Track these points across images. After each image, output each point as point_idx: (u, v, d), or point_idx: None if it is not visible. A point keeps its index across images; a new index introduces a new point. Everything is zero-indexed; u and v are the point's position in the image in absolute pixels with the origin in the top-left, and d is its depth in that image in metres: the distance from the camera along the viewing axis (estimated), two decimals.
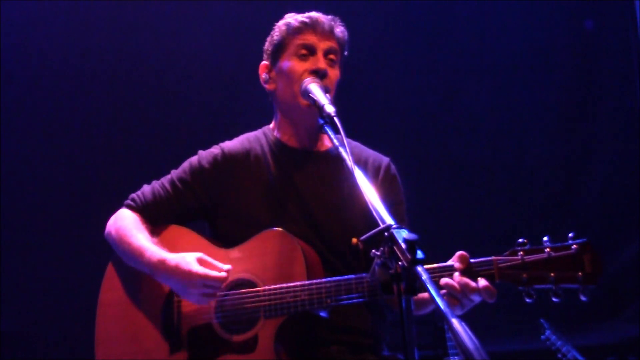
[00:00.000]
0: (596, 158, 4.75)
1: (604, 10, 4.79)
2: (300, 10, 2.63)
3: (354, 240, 2.34)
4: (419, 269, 1.59)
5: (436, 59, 4.82)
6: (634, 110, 4.66)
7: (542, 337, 4.05)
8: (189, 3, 4.60)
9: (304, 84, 2.40)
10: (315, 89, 2.35)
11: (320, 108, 2.26)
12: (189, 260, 2.33)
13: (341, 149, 2.11)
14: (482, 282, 2.10)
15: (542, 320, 4.07)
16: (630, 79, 4.68)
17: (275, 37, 2.58)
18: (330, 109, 2.22)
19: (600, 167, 4.72)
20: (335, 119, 2.17)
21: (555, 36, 4.85)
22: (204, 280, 2.29)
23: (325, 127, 2.22)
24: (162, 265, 2.36)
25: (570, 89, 4.82)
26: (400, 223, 1.74)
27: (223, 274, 2.31)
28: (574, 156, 4.78)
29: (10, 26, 4.41)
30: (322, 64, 2.48)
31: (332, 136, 2.18)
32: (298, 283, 2.29)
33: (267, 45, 2.62)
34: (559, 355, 3.98)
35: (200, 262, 2.33)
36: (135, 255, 2.44)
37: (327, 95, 2.33)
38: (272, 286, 2.32)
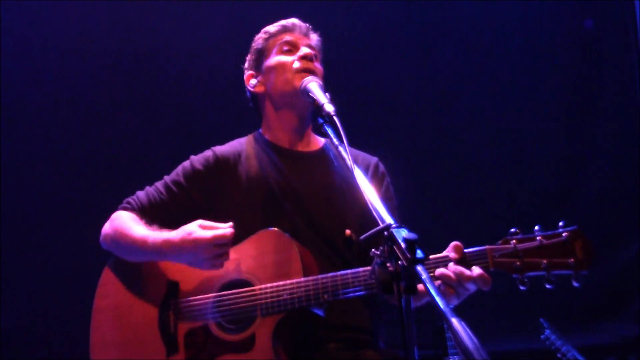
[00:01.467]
0: (596, 158, 4.75)
1: (604, 10, 4.80)
2: (299, 10, 2.71)
3: (347, 231, 2.36)
4: (419, 268, 1.59)
5: (435, 59, 4.82)
6: (634, 110, 4.66)
7: (542, 336, 4.05)
8: (189, 3, 4.60)
9: (304, 83, 2.42)
10: (315, 88, 2.37)
11: (319, 107, 2.26)
12: (191, 229, 2.34)
13: (341, 148, 2.12)
14: (477, 270, 2.13)
15: (541, 320, 4.06)
16: (630, 79, 4.68)
17: (255, 46, 2.70)
18: (329, 107, 2.22)
19: (601, 167, 4.72)
20: (335, 117, 2.18)
21: (555, 36, 4.85)
22: (213, 241, 2.29)
23: (325, 126, 2.22)
24: (167, 244, 2.36)
25: (570, 89, 4.82)
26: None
27: (229, 230, 2.30)
28: (573, 156, 4.78)
29: (10, 26, 4.41)
30: (309, 50, 2.59)
31: (332, 135, 2.19)
32: (294, 280, 2.30)
33: (249, 57, 2.73)
34: (559, 355, 3.98)
35: (202, 227, 2.34)
36: (138, 245, 2.44)
37: (327, 94, 2.34)
38: (269, 284, 2.33)
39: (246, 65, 2.74)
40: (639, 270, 4.49)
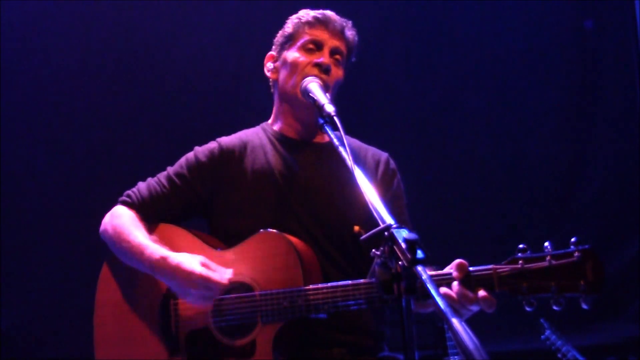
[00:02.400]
0: (596, 158, 4.74)
1: (604, 10, 4.79)
2: (299, 11, 2.65)
3: (356, 227, 2.32)
4: (419, 268, 1.59)
5: (436, 59, 4.81)
6: (634, 110, 4.66)
7: (542, 337, 4.04)
8: (189, 3, 4.60)
9: (304, 83, 2.40)
10: (315, 89, 2.35)
11: (320, 107, 2.25)
12: (192, 260, 2.30)
13: (341, 149, 2.10)
14: (481, 292, 2.05)
15: (542, 320, 4.06)
16: (630, 79, 4.68)
17: (287, 29, 2.61)
18: (330, 108, 2.21)
19: (600, 167, 4.72)
20: (335, 118, 2.16)
21: (555, 36, 4.85)
22: (205, 282, 2.25)
23: (325, 127, 2.21)
24: (163, 262, 2.32)
25: (570, 89, 4.82)
26: (400, 217, 1.74)
27: (225, 281, 2.27)
28: (574, 156, 4.78)
29: (10, 26, 4.41)
30: (326, 59, 2.50)
31: (332, 135, 2.18)
32: (295, 288, 2.28)
33: (278, 37, 2.64)
34: (559, 355, 3.98)
35: (203, 265, 2.30)
36: (135, 252, 2.40)
37: (327, 94, 2.33)
38: (269, 291, 2.30)
39: (274, 40, 2.66)
40: (639, 270, 4.49)
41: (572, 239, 2.01)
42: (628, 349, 4.44)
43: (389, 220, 1.74)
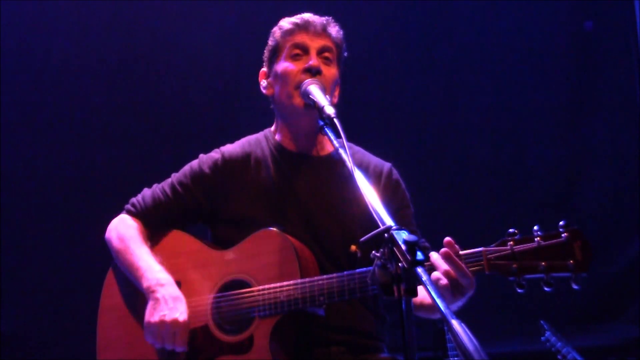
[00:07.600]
0: (596, 158, 4.75)
1: (604, 11, 4.80)
2: (299, 10, 2.64)
3: (353, 247, 2.33)
4: (419, 270, 1.59)
5: (436, 59, 4.81)
6: (633, 111, 4.66)
7: (542, 338, 4.04)
8: (189, 3, 4.60)
9: (304, 86, 2.39)
10: (315, 90, 2.34)
11: (320, 109, 2.25)
12: (178, 309, 2.35)
13: (341, 151, 2.11)
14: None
15: (542, 322, 4.06)
16: (630, 79, 4.68)
17: (270, 43, 2.60)
18: (330, 110, 2.20)
19: (600, 167, 4.72)
20: (335, 120, 2.16)
21: (555, 36, 4.85)
22: (173, 341, 2.34)
23: (325, 129, 2.21)
24: (154, 284, 2.39)
25: (570, 89, 4.82)
26: (409, 228, 1.74)
27: (182, 349, 2.35)
28: (574, 156, 4.78)
29: (10, 26, 4.41)
30: (314, 61, 2.47)
31: (332, 138, 2.18)
32: (291, 282, 2.30)
33: (265, 52, 2.64)
34: (559, 357, 3.97)
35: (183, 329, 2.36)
36: (133, 271, 2.47)
37: (327, 96, 2.33)
38: (266, 286, 2.33)
39: (264, 56, 2.64)
40: (639, 271, 4.49)
41: (561, 222, 2.05)
42: (628, 350, 4.45)
43: (389, 222, 1.74)
